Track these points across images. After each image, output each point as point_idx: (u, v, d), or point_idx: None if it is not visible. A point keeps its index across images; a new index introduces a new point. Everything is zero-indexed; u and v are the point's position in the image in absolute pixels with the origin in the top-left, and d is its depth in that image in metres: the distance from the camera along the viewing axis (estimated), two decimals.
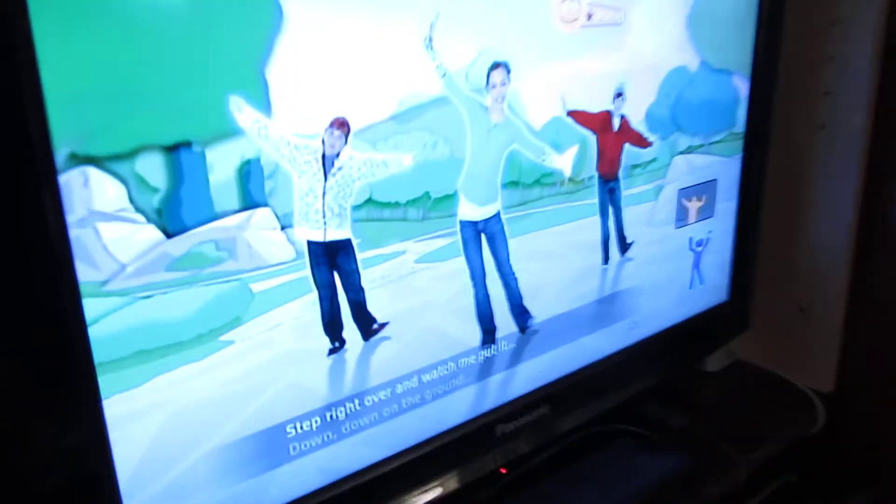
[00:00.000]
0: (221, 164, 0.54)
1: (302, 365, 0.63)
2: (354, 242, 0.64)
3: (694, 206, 0.94)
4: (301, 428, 0.64)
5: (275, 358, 0.61)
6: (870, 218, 1.05)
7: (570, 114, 0.76)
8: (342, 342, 0.65)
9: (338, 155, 0.61)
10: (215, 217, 0.55)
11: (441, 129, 0.67)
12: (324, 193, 0.61)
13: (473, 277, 0.74)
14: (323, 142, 0.60)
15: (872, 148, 1.03)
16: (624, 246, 0.87)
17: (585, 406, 0.89)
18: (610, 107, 0.80)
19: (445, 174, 0.68)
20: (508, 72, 0.69)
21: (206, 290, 0.56)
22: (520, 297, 0.78)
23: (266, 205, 0.58)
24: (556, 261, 0.81)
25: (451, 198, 0.69)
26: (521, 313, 0.78)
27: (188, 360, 0.56)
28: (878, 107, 1.01)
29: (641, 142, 0.85)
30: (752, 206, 1.02)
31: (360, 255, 0.64)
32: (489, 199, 0.73)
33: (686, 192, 0.92)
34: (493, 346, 0.77)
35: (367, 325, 0.67)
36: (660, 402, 1.04)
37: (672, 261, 0.95)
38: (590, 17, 0.74)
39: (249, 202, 0.57)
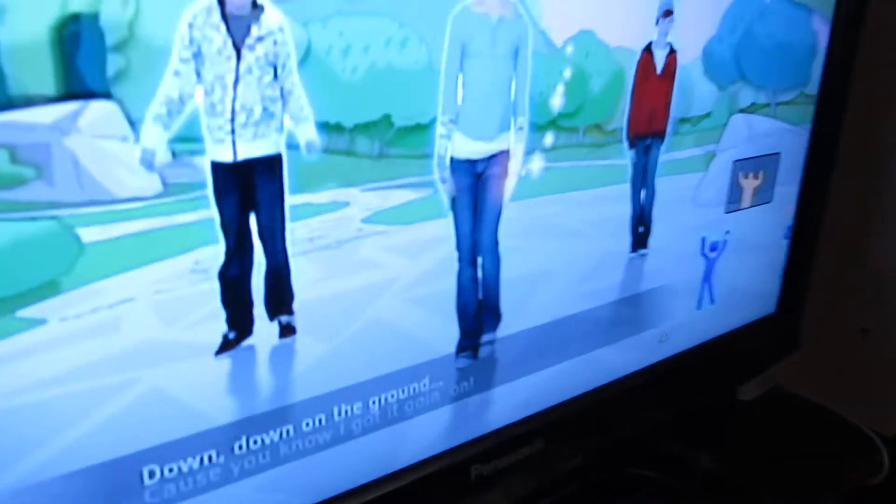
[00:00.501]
0: (22, 8, 0.31)
1: (172, 366, 0.40)
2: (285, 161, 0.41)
3: (750, 185, 0.71)
4: (166, 471, 0.41)
5: (123, 352, 0.38)
6: None
7: None
8: (245, 331, 0.42)
9: (254, 10, 0.38)
10: (9, 104, 0.32)
11: (415, 18, 0.44)
12: (236, 81, 0.38)
13: (461, 248, 0.51)
14: None
15: None
16: (644, 228, 0.64)
17: (591, 442, 0.67)
18: (652, 34, 0.57)
19: (419, 91, 0.45)
20: None
21: None
22: (496, 285, 0.55)
23: (108, 96, 0.34)
24: (570, 241, 0.58)
25: (424, 129, 0.46)
26: (490, 310, 0.55)
27: None
28: None
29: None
30: (817, 194, 0.80)
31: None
32: (499, 128, 0.50)
33: (743, 165, 0.70)
34: (472, 354, 0.54)
35: (276, 312, 0.44)
36: (681, 437, 0.81)
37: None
38: None
39: (77, 86, 0.33)
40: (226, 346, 0.42)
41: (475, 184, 0.50)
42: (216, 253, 0.40)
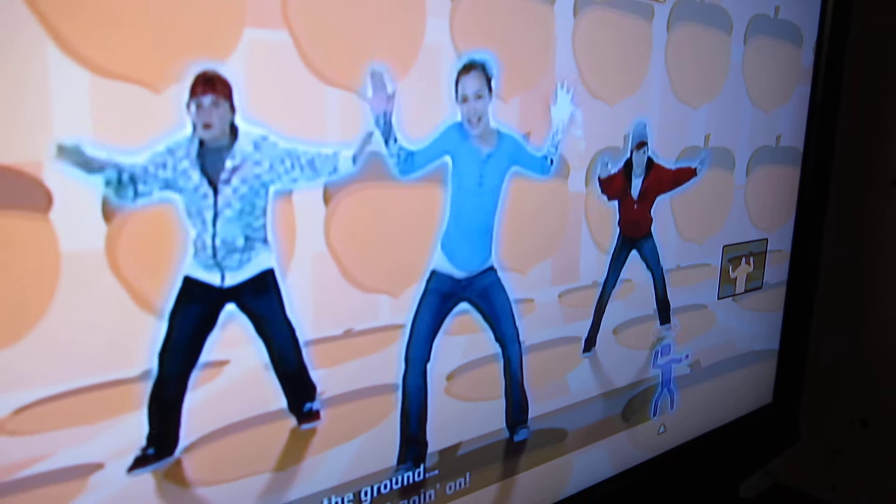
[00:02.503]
0: None
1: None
2: (279, 271, 0.39)
3: (743, 271, 0.71)
4: None
5: None
6: None
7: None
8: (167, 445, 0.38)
9: (230, 141, 0.36)
10: None
11: None
12: (215, 217, 0.37)
13: (413, 348, 0.46)
14: (194, 126, 0.35)
15: None
16: (666, 310, 0.64)
17: None
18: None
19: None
20: (488, 78, 0.46)
21: None
22: (519, 380, 0.53)
23: None
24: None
25: None
26: (517, 407, 0.53)
27: None
28: None
29: (685, 174, 0.62)
30: (808, 271, 0.79)
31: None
32: (481, 259, 0.49)
33: (733, 250, 0.69)
34: (415, 467, 0.49)
35: (300, 403, 0.42)
36: None
37: (715, 340, 0.70)
38: None
39: None
40: (142, 461, 0.37)
41: (450, 300, 0.48)
42: None
